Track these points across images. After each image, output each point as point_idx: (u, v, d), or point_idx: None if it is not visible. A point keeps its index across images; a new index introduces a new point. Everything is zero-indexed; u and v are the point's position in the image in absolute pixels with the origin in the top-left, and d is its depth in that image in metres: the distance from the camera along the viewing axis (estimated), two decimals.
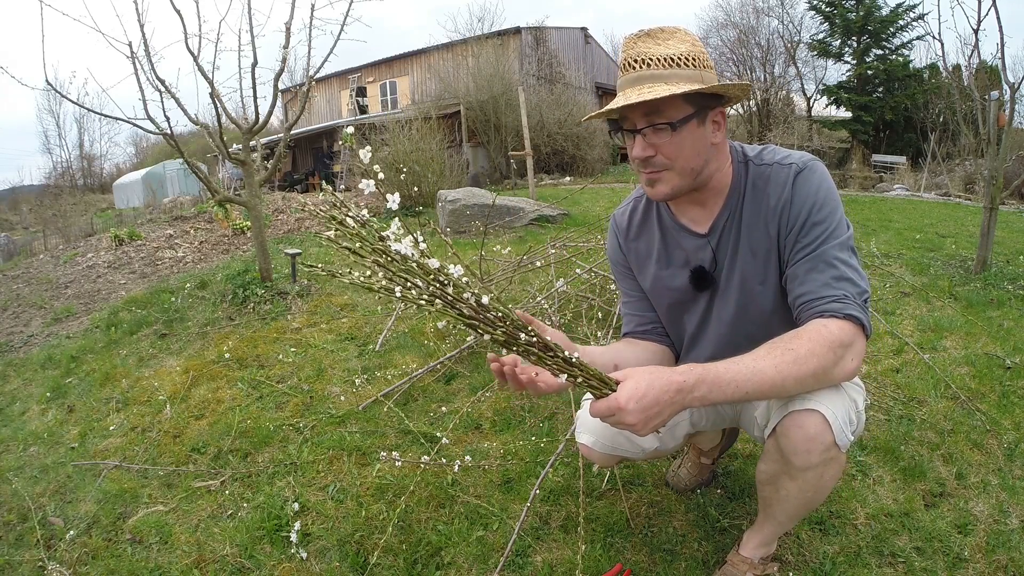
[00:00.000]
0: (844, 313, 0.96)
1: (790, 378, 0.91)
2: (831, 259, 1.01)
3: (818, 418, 1.00)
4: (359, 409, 2.28)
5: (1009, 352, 2.41)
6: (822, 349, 0.93)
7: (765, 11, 18.73)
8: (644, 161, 1.06)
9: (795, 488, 1.10)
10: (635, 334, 1.31)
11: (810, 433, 1.01)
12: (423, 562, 1.48)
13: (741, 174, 1.13)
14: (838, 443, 1.01)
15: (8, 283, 5.76)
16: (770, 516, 1.22)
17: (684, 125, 1.03)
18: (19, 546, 1.74)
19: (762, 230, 1.10)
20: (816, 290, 1.00)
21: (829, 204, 1.04)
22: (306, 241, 6.10)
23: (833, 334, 0.94)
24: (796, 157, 1.09)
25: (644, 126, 1.04)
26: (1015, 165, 7.75)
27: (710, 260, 1.17)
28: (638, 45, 1.05)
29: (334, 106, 20.78)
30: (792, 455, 1.04)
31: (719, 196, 1.14)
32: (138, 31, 3.50)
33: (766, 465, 1.13)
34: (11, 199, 25.09)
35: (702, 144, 1.06)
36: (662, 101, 1.00)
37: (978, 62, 4.11)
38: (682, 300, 1.24)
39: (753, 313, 1.16)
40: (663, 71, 1.02)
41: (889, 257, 4.05)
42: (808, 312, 1.00)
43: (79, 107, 4.03)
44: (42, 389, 2.97)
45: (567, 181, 12.46)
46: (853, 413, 1.05)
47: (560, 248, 3.57)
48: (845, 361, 0.95)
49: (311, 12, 3.75)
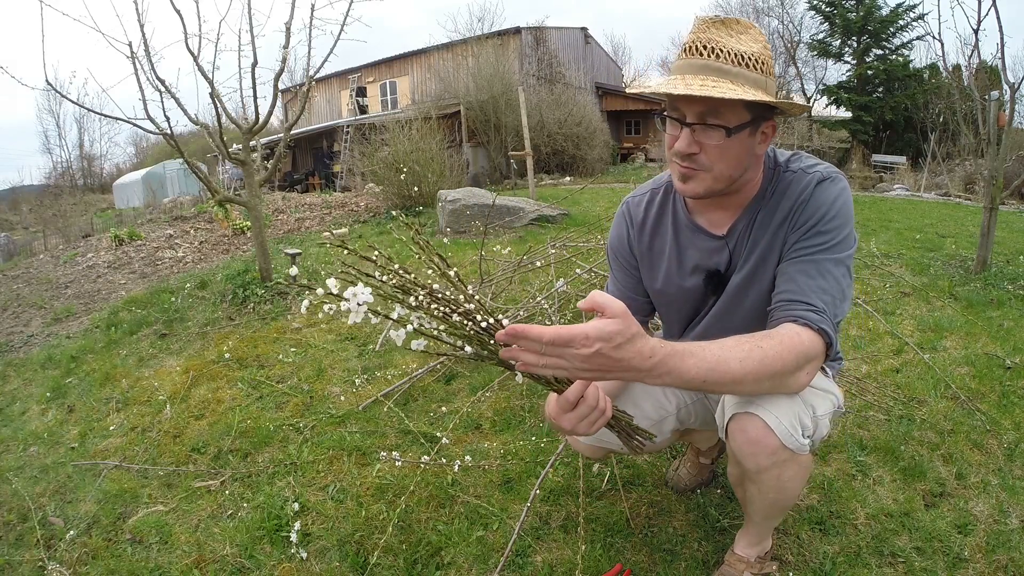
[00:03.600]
0: (818, 326, 0.93)
1: (750, 376, 0.88)
2: (824, 269, 0.99)
3: (758, 423, 0.99)
4: (359, 409, 2.28)
5: (1009, 352, 2.41)
6: (789, 355, 0.90)
7: (765, 11, 18.78)
8: (685, 156, 1.01)
9: (756, 490, 1.10)
10: None
11: (751, 437, 1.00)
12: (423, 562, 1.47)
13: (769, 180, 1.10)
14: (787, 446, 0.99)
15: (8, 283, 5.76)
16: (748, 516, 1.23)
17: (738, 132, 0.98)
18: (19, 546, 1.74)
19: (777, 233, 1.08)
20: (800, 292, 0.98)
21: (840, 218, 1.01)
22: (306, 241, 6.10)
23: (803, 344, 0.92)
24: (822, 168, 1.07)
25: (696, 122, 0.98)
26: (1015, 165, 7.75)
27: (726, 263, 1.14)
28: (711, 31, 0.99)
29: (334, 106, 20.78)
30: (741, 459, 1.04)
31: (743, 200, 1.11)
32: (138, 31, 3.50)
33: (731, 467, 1.15)
34: (11, 199, 25.08)
35: (747, 154, 1.03)
36: (723, 102, 0.95)
37: (978, 62, 4.11)
38: (689, 301, 1.22)
39: (755, 314, 1.14)
40: (731, 67, 0.96)
41: (889, 257, 4.05)
42: (784, 312, 0.97)
43: (79, 107, 4.04)
44: (42, 389, 2.97)
45: (567, 181, 12.47)
46: (808, 418, 1.02)
47: (560, 248, 3.57)
48: (801, 373, 0.93)
49: (311, 12, 3.77)
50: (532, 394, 2.24)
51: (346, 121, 16.11)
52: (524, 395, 2.26)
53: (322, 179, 16.34)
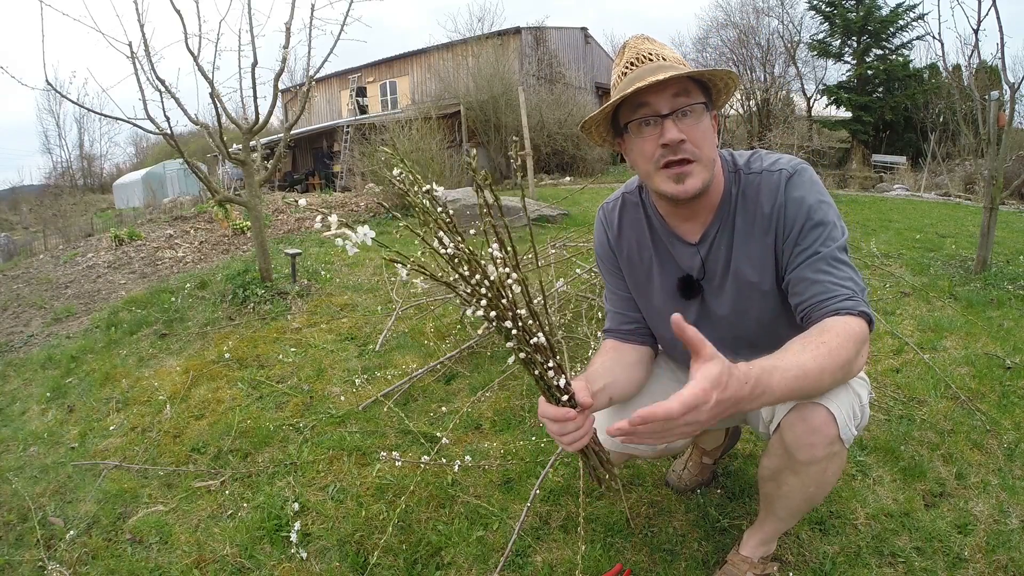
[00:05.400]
0: (858, 310, 0.96)
1: (827, 371, 0.89)
2: (833, 260, 1.01)
3: (823, 412, 1.01)
4: (359, 409, 2.28)
5: (1009, 352, 2.41)
6: (848, 343, 0.92)
7: (765, 11, 18.71)
8: (676, 148, 1.01)
9: (797, 483, 1.10)
10: (619, 333, 1.29)
11: (814, 425, 1.02)
12: (423, 562, 1.48)
13: (732, 183, 1.12)
14: (842, 437, 1.02)
15: (8, 283, 5.76)
16: (771, 513, 1.22)
17: (707, 112, 1.03)
18: (19, 546, 1.74)
19: (758, 238, 1.09)
20: (827, 289, 1.00)
21: (823, 206, 1.04)
22: (306, 241, 6.10)
23: (855, 330, 0.94)
24: (784, 163, 1.09)
25: (671, 110, 1.01)
26: (1015, 165, 7.74)
27: (698, 268, 1.16)
28: (645, 44, 1.06)
29: (334, 106, 20.78)
30: (796, 449, 1.05)
31: (711, 204, 1.13)
32: (138, 31, 3.50)
33: (769, 461, 1.14)
34: (11, 199, 25.07)
35: (714, 137, 1.06)
36: (689, 86, 1.01)
37: (978, 62, 4.10)
38: (672, 307, 1.20)
39: (751, 321, 1.16)
40: (677, 66, 1.03)
41: (889, 257, 4.05)
42: (822, 311, 0.99)
43: (79, 107, 4.04)
44: (42, 389, 2.97)
45: (567, 181, 12.47)
46: (857, 407, 1.06)
47: (560, 248, 3.57)
48: (861, 356, 0.96)
49: (311, 12, 3.76)
50: (532, 394, 2.24)
51: (346, 121, 16.12)
52: (524, 395, 2.26)
53: (322, 179, 16.34)
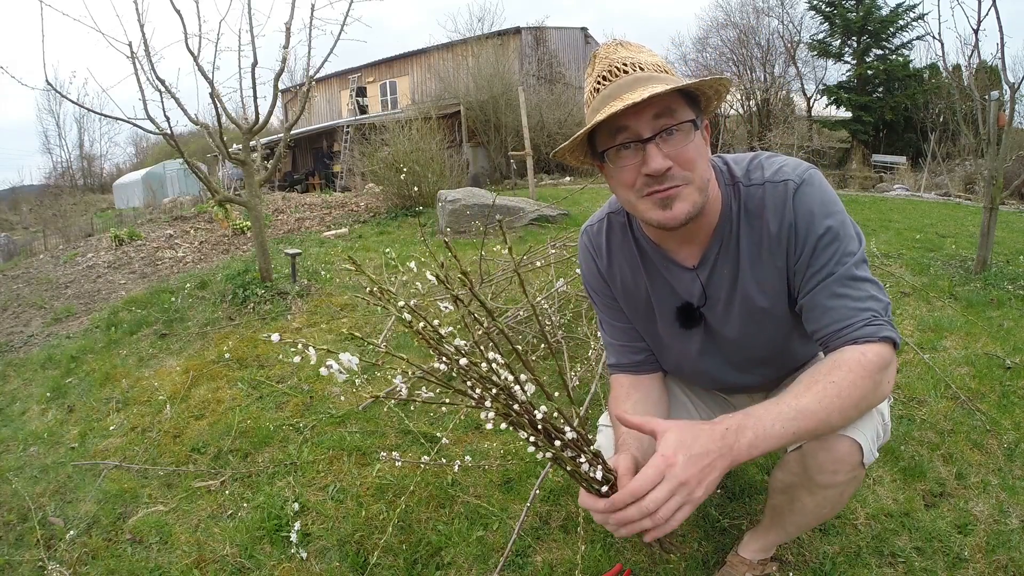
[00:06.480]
0: (879, 336, 0.89)
1: (835, 412, 0.85)
2: (850, 280, 0.93)
3: (847, 442, 0.97)
4: (359, 409, 2.28)
5: (1009, 352, 2.41)
6: (862, 379, 0.87)
7: (765, 11, 18.68)
8: (661, 177, 0.89)
9: (812, 503, 1.07)
10: (630, 367, 1.19)
11: (840, 455, 0.98)
12: (423, 562, 1.48)
13: (730, 197, 1.00)
14: (864, 462, 1.00)
15: (8, 283, 5.76)
16: (778, 524, 1.19)
17: (696, 130, 0.91)
18: (19, 546, 1.74)
19: (767, 261, 1.00)
20: (845, 316, 0.92)
21: (835, 217, 0.94)
22: (306, 241, 6.10)
23: (872, 362, 0.88)
24: (789, 170, 0.97)
25: (653, 133, 0.88)
26: (1015, 165, 7.74)
27: (699, 295, 1.07)
28: (619, 52, 0.94)
29: (334, 106, 20.78)
30: (817, 473, 1.01)
31: (708, 225, 1.01)
32: (138, 31, 3.51)
33: (783, 475, 1.08)
34: (11, 199, 25.08)
35: (707, 153, 0.95)
36: (673, 102, 0.88)
37: (978, 62, 4.11)
38: (673, 335, 1.14)
39: (763, 342, 1.10)
40: (657, 74, 0.90)
41: (889, 257, 4.05)
42: (840, 340, 0.92)
43: (79, 107, 4.03)
44: (42, 389, 2.97)
45: (567, 181, 12.47)
46: (880, 428, 1.02)
47: (560, 248, 3.57)
48: (883, 386, 0.90)
49: (311, 12, 3.76)
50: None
51: (346, 121, 16.12)
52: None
53: (322, 179, 16.35)
